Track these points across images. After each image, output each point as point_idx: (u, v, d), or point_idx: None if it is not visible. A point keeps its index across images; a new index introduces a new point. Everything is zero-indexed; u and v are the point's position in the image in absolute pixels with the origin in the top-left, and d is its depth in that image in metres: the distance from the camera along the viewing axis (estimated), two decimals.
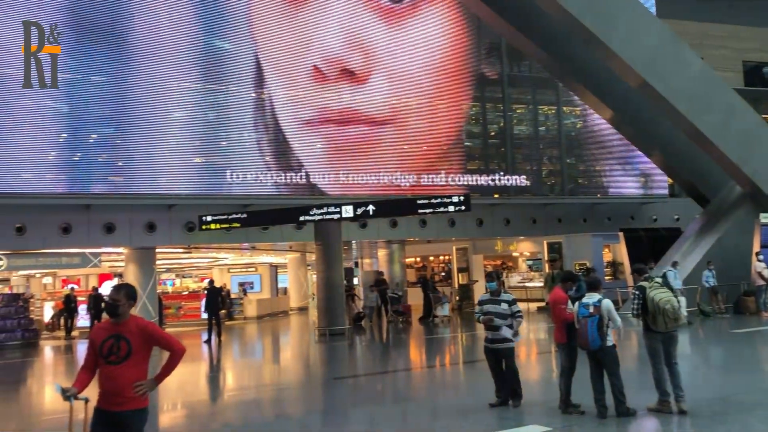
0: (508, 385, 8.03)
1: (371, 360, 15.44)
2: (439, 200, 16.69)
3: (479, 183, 22.46)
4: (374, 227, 21.59)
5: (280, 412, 9.68)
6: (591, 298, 7.24)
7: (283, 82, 19.96)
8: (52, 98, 17.10)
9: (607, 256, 23.95)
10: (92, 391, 4.58)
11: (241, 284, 29.03)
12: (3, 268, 18.62)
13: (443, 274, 29.77)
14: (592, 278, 7.79)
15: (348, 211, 16.70)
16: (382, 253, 26.54)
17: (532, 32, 19.41)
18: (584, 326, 7.11)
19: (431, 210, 16.91)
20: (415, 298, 24.12)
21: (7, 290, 27.91)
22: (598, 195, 24.91)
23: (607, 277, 22.06)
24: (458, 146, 22.73)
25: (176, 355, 4.66)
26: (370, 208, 16.65)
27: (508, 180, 22.98)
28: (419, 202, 16.96)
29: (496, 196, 22.87)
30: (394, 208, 18.42)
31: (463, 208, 16.52)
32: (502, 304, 7.98)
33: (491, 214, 23.24)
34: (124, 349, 4.52)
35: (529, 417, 7.61)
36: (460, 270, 28.21)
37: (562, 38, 19.12)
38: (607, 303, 7.18)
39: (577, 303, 7.39)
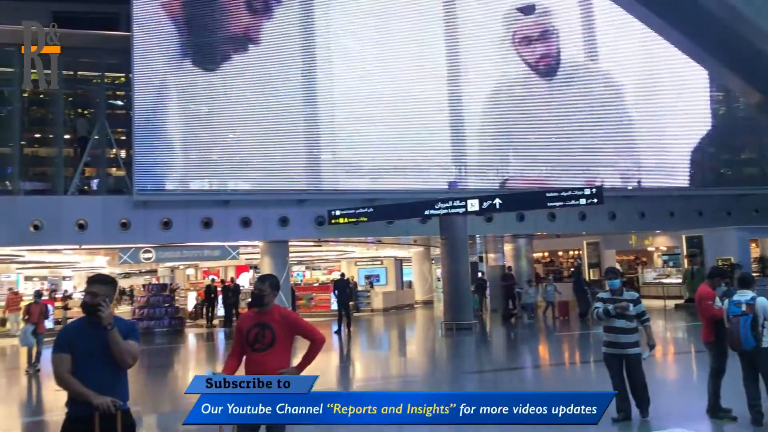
0: (637, 396, 7.10)
1: (499, 356, 15.22)
2: (569, 193, 16.15)
3: (613, 174, 21.53)
4: (500, 221, 21.23)
5: None
6: (743, 295, 6.69)
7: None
8: (187, 101, 18.27)
9: (755, 252, 22.19)
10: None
11: (368, 277, 29.58)
12: (152, 260, 20.04)
13: (572, 269, 28.83)
14: (744, 274, 7.21)
15: (474, 205, 16.55)
16: (508, 248, 26.08)
17: None
18: (735, 325, 6.58)
19: (561, 203, 16.40)
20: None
21: (154, 281, 30.15)
22: (744, 186, 23.09)
23: (755, 274, 20.43)
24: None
25: (317, 344, 4.79)
26: (497, 201, 16.42)
27: (642, 171, 21.86)
28: (549, 195, 16.51)
29: (630, 188, 21.81)
30: (522, 201, 18.02)
31: (595, 200, 15.88)
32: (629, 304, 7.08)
33: (625, 207, 22.15)
34: (268, 337, 4.70)
35: (672, 421, 7.16)
36: (591, 265, 27.20)
37: None
38: (763, 301, 6.60)
39: (726, 300, 6.87)
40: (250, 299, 22.07)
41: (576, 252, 28.79)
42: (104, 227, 17.94)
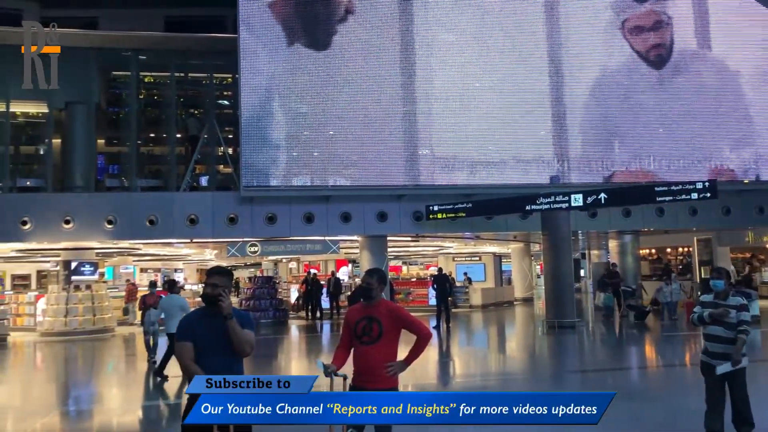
0: (737, 415, 6.11)
1: (603, 355, 14.75)
2: (680, 187, 15.39)
3: (728, 167, 20.33)
4: (605, 216, 20.54)
5: None
6: None
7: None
8: (294, 100, 18.79)
9: None
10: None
11: (466, 273, 29.41)
12: (258, 253, 20.76)
13: (680, 267, 27.50)
14: None
15: (577, 200, 16.09)
16: (613, 244, 25.18)
17: None
18: None
19: (671, 198, 15.65)
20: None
21: (258, 274, 31.25)
22: None
23: None
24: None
25: (423, 339, 4.82)
26: (602, 196, 15.89)
27: (761, 163, 20.50)
28: (658, 189, 15.80)
29: (746, 182, 20.52)
30: (629, 196, 17.35)
31: (708, 195, 15.06)
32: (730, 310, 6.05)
33: (741, 202, 20.84)
34: (375, 330, 4.77)
35: None
36: (702, 263, 25.82)
37: None
38: None
39: None
40: (350, 293, 22.52)
41: (686, 249, 27.41)
42: (213, 222, 18.79)
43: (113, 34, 19.74)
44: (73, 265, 20.14)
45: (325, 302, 23.76)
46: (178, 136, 20.65)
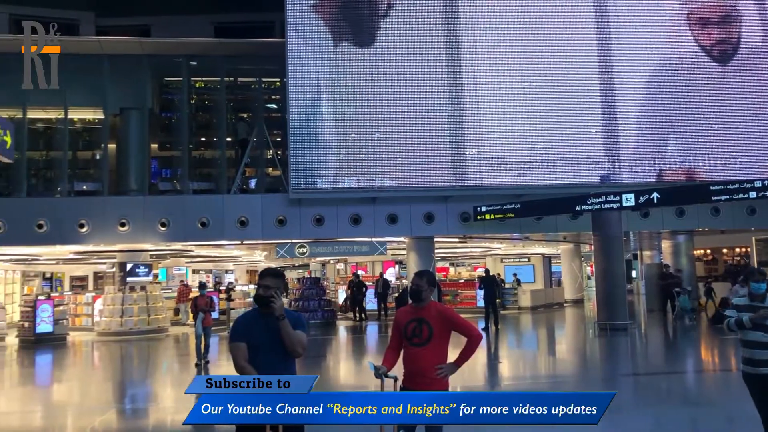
0: None
1: (657, 358, 14.40)
2: (737, 186, 14.92)
3: None
4: (657, 216, 20.06)
5: None
6: None
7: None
8: (341, 102, 18.93)
9: None
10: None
11: (515, 274, 29.13)
12: (306, 254, 20.97)
13: (738, 268, 26.63)
14: None
15: (629, 200, 15.76)
16: (666, 245, 24.58)
17: None
18: None
19: (727, 197, 15.18)
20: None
21: (306, 275, 31.55)
22: None
23: None
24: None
25: (474, 341, 4.79)
26: (655, 196, 15.52)
27: None
28: (713, 188, 15.33)
29: None
30: (683, 195, 16.90)
31: (767, 194, 14.55)
32: None
33: None
34: (425, 332, 4.76)
35: None
36: (761, 264, 24.95)
37: None
38: None
39: None
40: (397, 294, 22.52)
41: (743, 249, 26.55)
42: (263, 224, 19.08)
43: (165, 40, 20.23)
44: (129, 266, 20.72)
45: (373, 303, 23.86)
46: (228, 139, 21.02)
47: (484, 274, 20.92)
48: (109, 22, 25.22)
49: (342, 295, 26.33)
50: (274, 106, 21.73)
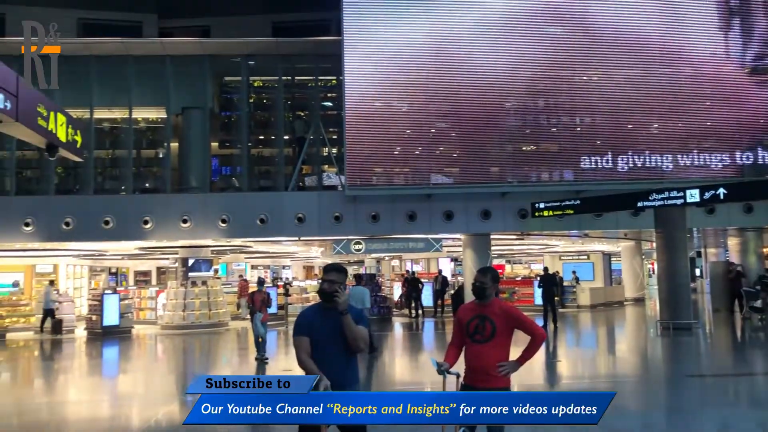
0: None
1: (724, 359, 13.91)
2: None
3: None
4: (724, 213, 19.39)
5: (619, 405, 9.27)
6: None
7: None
8: (397, 100, 18.95)
9: None
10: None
11: (574, 272, 28.62)
12: (362, 251, 21.12)
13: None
14: None
15: (694, 196, 15.25)
16: (732, 242, 23.71)
17: None
18: None
19: None
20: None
21: (361, 271, 31.73)
22: None
23: None
24: None
25: (537, 339, 4.73)
26: (721, 191, 14.97)
27: None
28: None
29: None
30: (751, 190, 16.24)
31: None
32: None
33: None
34: (488, 329, 4.73)
35: None
36: None
37: None
38: None
39: None
40: (453, 291, 22.43)
41: None
42: (319, 220, 19.29)
43: (224, 41, 20.65)
44: (190, 262, 21.26)
45: (430, 300, 23.83)
46: (286, 137, 21.32)
47: (543, 273, 20.63)
48: (171, 23, 25.94)
49: (398, 292, 26.41)
50: (329, 104, 21.93)
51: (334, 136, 21.11)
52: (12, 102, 6.72)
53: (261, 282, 15.12)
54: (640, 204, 16.47)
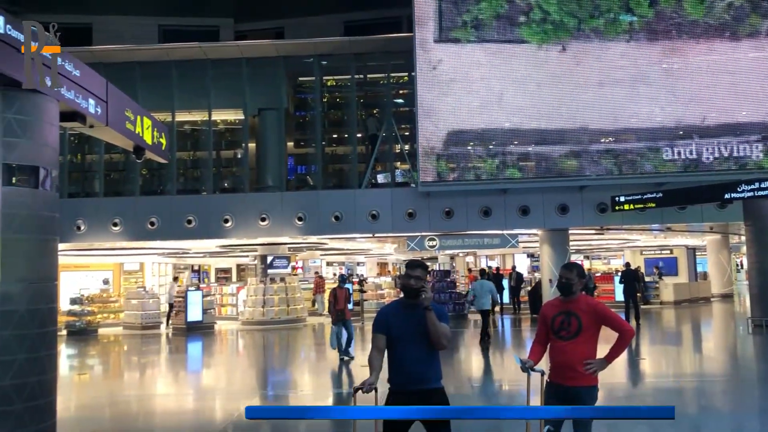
0: None
1: None
2: None
3: None
4: None
5: (707, 404, 8.91)
6: None
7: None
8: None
9: None
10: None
11: (657, 267, 27.66)
12: (436, 247, 21.04)
13: None
14: None
15: None
16: None
17: None
18: None
19: None
20: None
21: (434, 267, 31.64)
22: None
23: None
24: None
25: (625, 336, 4.61)
26: None
27: None
28: None
29: None
30: None
31: None
32: None
33: None
34: (574, 325, 4.63)
35: None
36: None
37: None
38: None
39: None
40: (530, 288, 22.07)
41: None
42: (393, 217, 19.36)
43: (298, 42, 20.98)
44: (269, 259, 21.77)
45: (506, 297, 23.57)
46: (359, 135, 21.48)
47: (624, 268, 20.04)
48: (246, 27, 26.56)
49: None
50: (401, 101, 21.94)
51: (406, 133, 21.12)
52: (102, 107, 7.04)
53: (343, 279, 15.18)
54: (727, 196, 15.71)
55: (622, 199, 17.38)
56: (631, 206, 17.19)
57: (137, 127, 7.97)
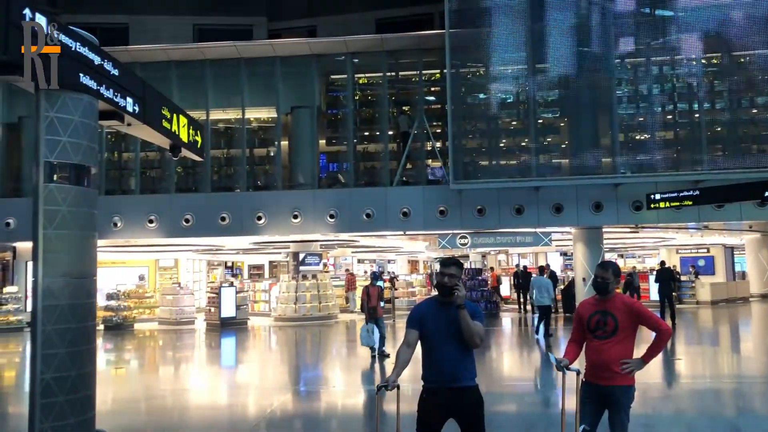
0: None
1: None
2: None
3: None
4: None
5: (745, 406, 8.73)
6: None
7: None
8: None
9: None
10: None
11: (693, 266, 27.18)
12: (468, 245, 20.97)
13: None
14: None
15: None
16: None
17: None
18: None
19: None
20: None
21: (465, 266, 31.54)
22: None
23: None
24: None
25: (663, 336, 4.55)
26: None
27: None
28: None
29: None
30: None
31: None
32: None
33: None
34: (610, 324, 4.59)
35: None
36: None
37: None
38: None
39: None
40: (563, 287, 21.85)
41: None
42: (424, 215, 19.35)
43: (331, 40, 21.05)
44: (301, 256, 21.91)
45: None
46: (390, 133, 21.49)
47: (660, 267, 19.73)
48: (279, 25, 26.79)
49: (506, 287, 26.10)
50: (433, 98, 21.90)
51: (438, 130, 21.07)
52: (140, 106, 7.17)
53: (375, 276, 15.17)
54: (767, 194, 15.36)
55: (658, 196, 17.11)
56: (667, 204, 16.92)
57: (173, 125, 8.10)
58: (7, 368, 14.42)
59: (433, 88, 21.71)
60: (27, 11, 5.32)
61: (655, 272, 20.53)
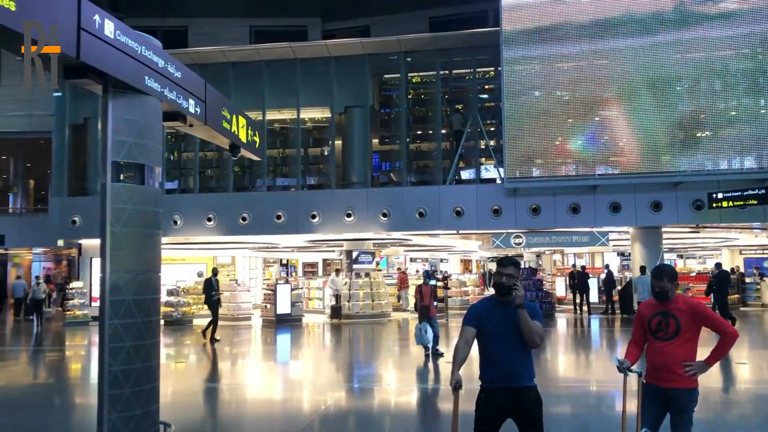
0: None
1: None
2: None
3: None
4: None
5: None
6: None
7: None
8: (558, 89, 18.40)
9: None
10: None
11: (757, 267, 26.23)
12: (522, 245, 20.73)
13: None
14: None
15: None
16: None
17: None
18: None
19: None
20: None
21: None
22: None
23: None
24: None
25: (728, 339, 4.45)
26: None
27: None
28: None
29: None
30: None
31: None
32: None
33: None
34: (672, 326, 4.51)
35: None
36: None
37: None
38: None
39: None
40: (620, 288, 21.28)
41: None
42: (478, 214, 19.24)
43: (384, 39, 21.14)
44: (354, 254, 22.09)
45: (595, 296, 22.99)
46: (443, 131, 21.45)
47: (715, 269, 19.16)
48: (333, 26, 27.03)
49: (561, 287, 25.74)
50: (486, 96, 21.75)
51: (492, 128, 20.92)
52: (201, 107, 7.37)
53: (428, 275, 15.14)
54: None
55: (720, 195, 16.62)
56: (730, 203, 16.42)
57: (233, 126, 8.29)
58: (74, 361, 15.01)
59: (486, 86, 21.56)
60: (97, 17, 5.52)
61: (710, 273, 19.91)
